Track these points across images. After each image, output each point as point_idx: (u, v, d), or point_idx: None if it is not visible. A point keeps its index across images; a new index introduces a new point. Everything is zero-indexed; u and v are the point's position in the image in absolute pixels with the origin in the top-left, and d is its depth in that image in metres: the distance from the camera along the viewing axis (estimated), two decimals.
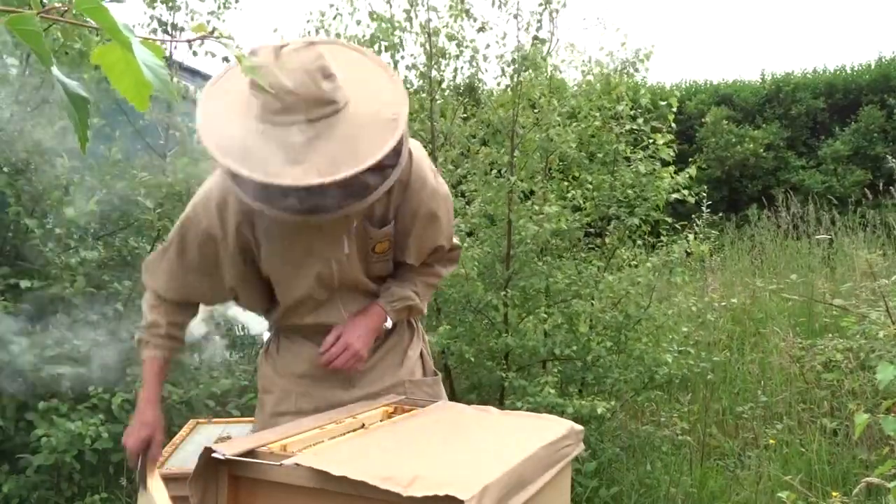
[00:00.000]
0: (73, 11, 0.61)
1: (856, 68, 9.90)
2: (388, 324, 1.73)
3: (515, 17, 3.59)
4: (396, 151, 1.46)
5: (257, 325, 2.35)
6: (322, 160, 1.34)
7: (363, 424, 1.49)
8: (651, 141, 3.54)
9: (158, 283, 1.69)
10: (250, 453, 1.24)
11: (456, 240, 1.85)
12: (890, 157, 5.69)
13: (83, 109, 0.67)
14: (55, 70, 0.64)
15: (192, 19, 4.11)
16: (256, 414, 1.82)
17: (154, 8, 3.98)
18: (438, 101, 3.81)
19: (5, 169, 3.08)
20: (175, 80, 4.12)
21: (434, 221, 1.69)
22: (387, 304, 1.72)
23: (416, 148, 1.63)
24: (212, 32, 0.71)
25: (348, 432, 1.43)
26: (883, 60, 9.71)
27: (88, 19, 0.61)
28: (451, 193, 1.79)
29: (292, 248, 1.60)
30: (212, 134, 1.39)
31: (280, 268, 1.63)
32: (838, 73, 9.90)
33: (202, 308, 1.81)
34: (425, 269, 1.78)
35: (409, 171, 1.59)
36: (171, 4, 3.96)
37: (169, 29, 4.07)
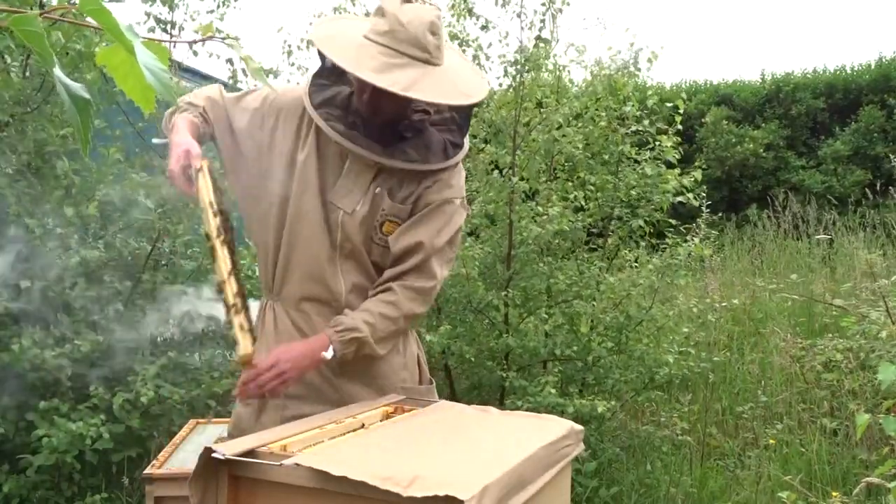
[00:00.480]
0: (75, 12, 0.62)
1: (856, 68, 9.90)
2: (329, 354, 1.59)
3: (519, 15, 3.58)
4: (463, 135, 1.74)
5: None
6: (409, 81, 1.53)
7: (363, 424, 1.49)
8: (657, 143, 3.54)
9: (205, 100, 1.75)
10: (250, 453, 1.24)
11: (437, 269, 1.72)
12: (893, 157, 5.68)
13: (85, 111, 0.67)
14: (57, 71, 0.64)
15: (192, 18, 4.10)
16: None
17: (151, 5, 3.96)
18: None
19: (7, 170, 3.08)
20: (176, 80, 4.12)
21: (438, 216, 1.70)
22: (333, 332, 1.62)
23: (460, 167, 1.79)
24: (218, 32, 0.72)
25: (348, 432, 1.43)
26: (883, 60, 9.71)
27: (91, 20, 0.62)
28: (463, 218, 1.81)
29: (321, 178, 1.68)
30: (321, 36, 1.64)
31: (305, 189, 1.68)
32: (838, 73, 9.90)
33: (203, 307, 1.81)
34: (387, 295, 1.67)
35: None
36: (170, 4, 3.95)
37: (167, 28, 4.06)
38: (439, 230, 1.69)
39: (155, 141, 1.77)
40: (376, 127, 1.67)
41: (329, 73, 1.72)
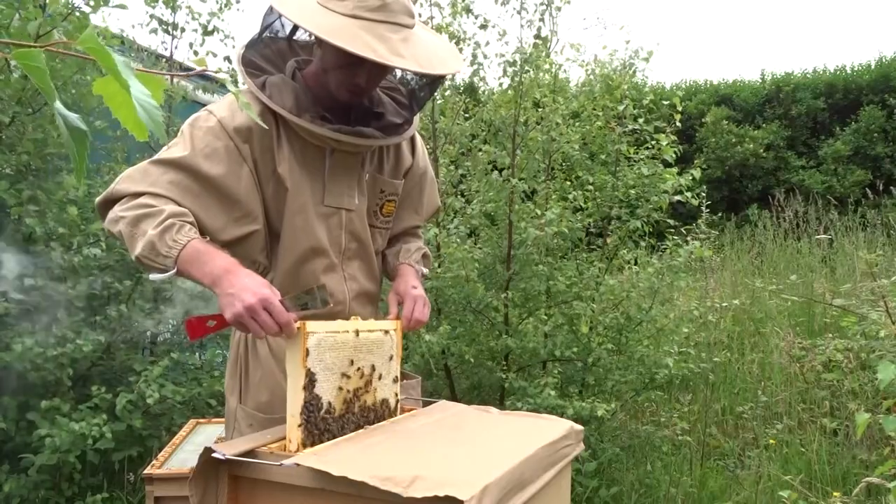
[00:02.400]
0: (76, 47, 0.65)
1: (856, 68, 9.91)
2: (425, 270, 1.81)
3: (519, 12, 3.58)
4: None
5: None
6: (418, 56, 1.47)
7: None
8: (654, 141, 3.54)
9: (155, 184, 1.44)
10: (250, 453, 1.24)
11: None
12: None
13: (82, 143, 0.70)
14: (57, 104, 0.68)
15: (194, 18, 4.11)
16: (245, 415, 1.62)
17: (154, 7, 3.98)
18: (439, 101, 3.81)
19: (7, 171, 3.09)
20: (175, 80, 4.12)
21: (433, 181, 1.88)
22: (408, 258, 1.77)
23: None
24: (218, 32, 0.74)
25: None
26: (883, 60, 9.72)
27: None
28: (449, 192, 1.94)
29: (310, 186, 1.58)
30: (312, 23, 1.44)
31: (298, 204, 1.56)
32: (838, 73, 9.90)
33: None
34: (416, 235, 1.89)
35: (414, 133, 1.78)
36: (172, 6, 3.96)
37: (170, 29, 4.08)
38: (437, 189, 1.91)
39: (153, 277, 1.42)
40: (346, 110, 1.61)
41: (258, 61, 1.60)
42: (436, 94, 3.68)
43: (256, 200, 1.54)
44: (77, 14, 3.10)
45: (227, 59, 4.24)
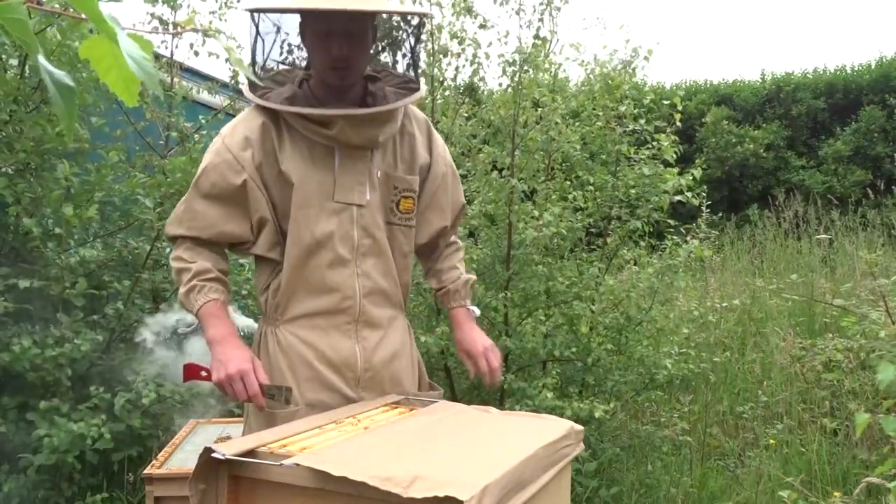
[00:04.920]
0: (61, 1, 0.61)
1: (856, 68, 9.91)
2: (477, 311, 1.90)
3: (518, 13, 3.58)
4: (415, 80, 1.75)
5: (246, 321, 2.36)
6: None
7: (363, 424, 1.48)
8: (655, 141, 3.54)
9: (192, 226, 1.65)
10: (250, 453, 1.24)
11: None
12: (894, 157, 5.69)
13: (69, 98, 0.67)
14: (41, 59, 0.63)
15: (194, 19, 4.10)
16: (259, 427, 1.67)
17: (155, 5, 3.97)
18: (439, 101, 3.81)
19: (5, 170, 3.08)
20: (176, 80, 4.12)
21: (457, 178, 1.89)
22: (460, 299, 1.87)
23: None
24: (218, 32, 0.73)
25: (348, 432, 1.43)
26: (883, 60, 9.71)
27: (75, 10, 0.61)
28: None
29: (318, 182, 1.64)
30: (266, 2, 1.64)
31: (304, 199, 1.63)
32: (838, 73, 9.90)
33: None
34: (455, 248, 1.93)
35: (429, 127, 1.83)
36: (172, 4, 3.96)
37: (170, 28, 4.06)
38: (461, 186, 1.92)
39: (181, 330, 1.81)
40: (343, 95, 1.67)
41: (267, 83, 1.71)
42: (433, 92, 3.69)
43: (260, 200, 1.64)
44: None
45: (228, 60, 4.23)
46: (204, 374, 1.62)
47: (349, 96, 1.68)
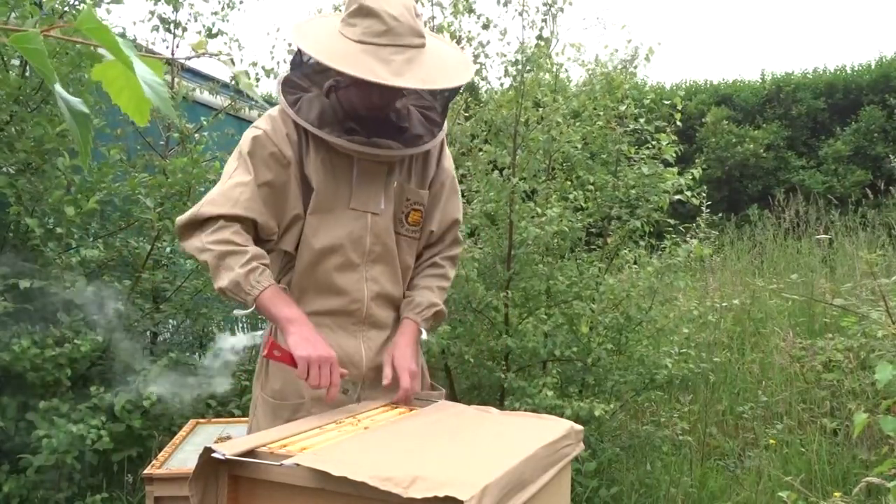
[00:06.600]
0: (73, 28, 0.63)
1: (856, 68, 9.90)
2: (424, 335, 1.77)
3: (521, 14, 3.57)
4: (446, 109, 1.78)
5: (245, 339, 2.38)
6: (421, 74, 1.56)
7: (363, 424, 1.49)
8: (655, 141, 3.54)
9: (235, 206, 1.60)
10: (250, 453, 1.24)
11: (460, 234, 1.92)
12: (893, 157, 5.69)
13: (85, 125, 0.69)
14: (58, 87, 0.66)
15: (195, 19, 4.10)
16: (265, 418, 1.72)
17: (156, 5, 3.97)
18: None
19: (5, 169, 3.08)
20: (177, 80, 4.12)
21: (455, 192, 1.88)
22: (416, 315, 1.76)
23: None
24: (221, 34, 0.73)
25: (348, 432, 1.43)
26: (883, 60, 9.71)
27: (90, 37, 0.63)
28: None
29: (336, 189, 1.68)
30: (318, 50, 1.58)
31: (322, 204, 1.67)
32: (838, 73, 9.89)
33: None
34: (435, 269, 1.86)
35: (443, 142, 1.83)
36: (174, 4, 3.96)
37: (171, 27, 4.06)
38: (459, 202, 1.89)
39: (237, 312, 1.73)
40: (373, 123, 1.69)
41: (299, 80, 1.73)
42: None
43: (298, 197, 1.68)
44: (73, 13, 3.09)
45: (232, 61, 4.21)
46: (277, 353, 1.56)
47: (379, 123, 1.71)
